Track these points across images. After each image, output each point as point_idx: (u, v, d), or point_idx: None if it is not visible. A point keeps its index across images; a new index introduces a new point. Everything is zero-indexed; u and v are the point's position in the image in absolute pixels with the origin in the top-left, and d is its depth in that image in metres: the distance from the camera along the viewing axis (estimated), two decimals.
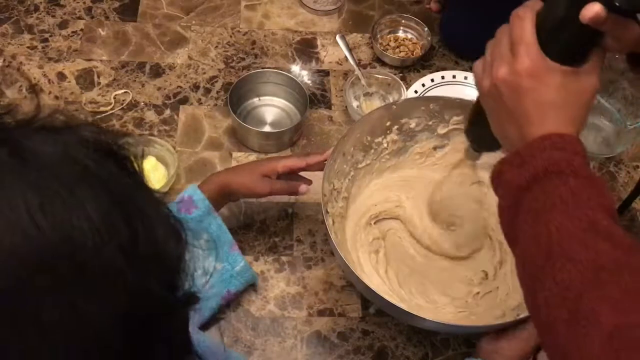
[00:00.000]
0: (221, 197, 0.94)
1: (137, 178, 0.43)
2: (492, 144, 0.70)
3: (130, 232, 0.38)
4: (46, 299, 0.34)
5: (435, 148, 1.06)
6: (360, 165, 1.02)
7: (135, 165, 0.43)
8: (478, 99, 0.72)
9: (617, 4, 0.54)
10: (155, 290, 0.40)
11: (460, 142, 1.04)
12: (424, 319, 0.80)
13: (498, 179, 0.61)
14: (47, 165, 0.37)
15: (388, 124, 1.01)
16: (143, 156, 0.44)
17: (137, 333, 0.39)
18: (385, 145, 1.03)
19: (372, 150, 1.03)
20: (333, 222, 0.95)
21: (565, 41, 0.60)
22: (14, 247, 0.33)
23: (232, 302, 0.96)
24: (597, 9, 0.54)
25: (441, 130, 1.04)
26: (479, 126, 0.74)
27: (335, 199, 0.97)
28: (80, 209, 0.36)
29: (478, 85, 0.67)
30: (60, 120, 0.41)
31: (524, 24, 0.61)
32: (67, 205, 0.36)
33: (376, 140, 1.02)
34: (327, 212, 0.90)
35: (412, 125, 1.03)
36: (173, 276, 0.43)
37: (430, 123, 1.03)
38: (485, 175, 1.05)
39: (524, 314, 0.82)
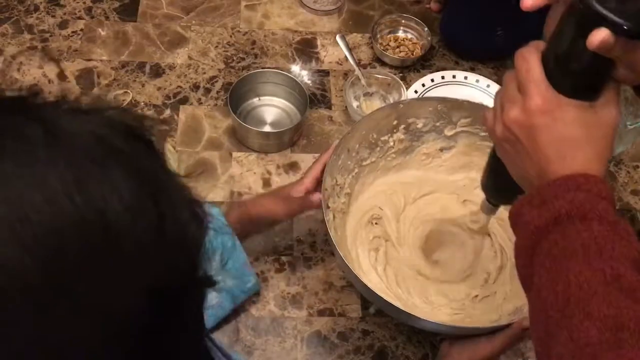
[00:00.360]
0: (240, 224, 0.92)
1: (162, 161, 0.43)
2: (511, 196, 0.65)
3: (158, 213, 0.39)
4: (82, 271, 0.36)
5: (441, 149, 1.06)
6: (365, 163, 1.02)
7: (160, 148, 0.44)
8: (492, 151, 0.70)
9: (625, 27, 0.51)
10: (181, 268, 0.41)
11: (466, 144, 1.04)
12: (421, 319, 0.80)
13: (516, 218, 0.58)
14: (79, 144, 0.38)
15: (395, 122, 1.01)
16: (165, 139, 0.45)
17: (160, 307, 0.40)
18: (391, 143, 1.03)
19: (378, 148, 1.02)
20: (334, 218, 0.94)
21: (575, 74, 0.57)
22: (52, 221, 0.35)
23: None
24: (604, 34, 0.51)
25: (448, 132, 1.03)
26: (496, 178, 0.72)
27: (337, 194, 0.97)
28: (112, 186, 0.37)
29: (491, 134, 0.64)
30: (86, 103, 0.41)
31: (530, 62, 0.58)
32: (100, 183, 0.37)
33: (382, 139, 1.02)
34: (328, 207, 0.90)
35: (419, 125, 1.03)
36: (195, 257, 0.44)
37: (437, 124, 1.03)
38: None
39: (518, 317, 0.82)
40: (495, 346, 0.79)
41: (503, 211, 1.04)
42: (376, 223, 1.02)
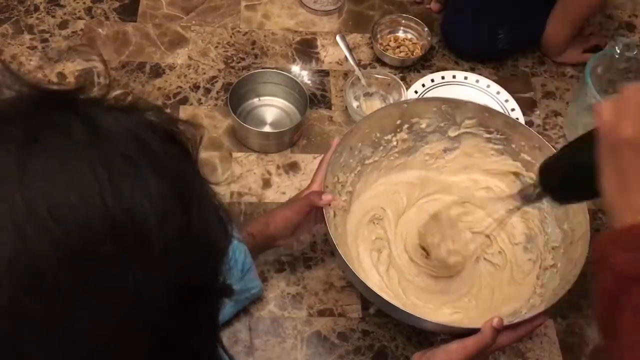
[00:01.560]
0: (253, 243, 0.91)
1: (196, 166, 0.44)
2: (577, 197, 0.58)
3: (187, 217, 0.40)
4: (108, 268, 0.36)
5: (445, 150, 1.05)
6: (367, 161, 1.02)
7: (194, 153, 0.44)
8: (580, 140, 0.62)
9: None
10: (203, 273, 0.42)
11: (470, 146, 1.03)
12: (420, 318, 0.80)
13: (602, 259, 0.51)
14: (117, 143, 0.38)
15: (399, 122, 1.01)
16: (201, 144, 0.45)
17: (180, 309, 0.41)
18: (394, 143, 1.03)
19: (381, 147, 1.02)
20: (334, 215, 0.94)
21: None
22: (84, 220, 0.36)
23: None
24: None
25: (452, 132, 1.03)
26: (576, 174, 0.64)
27: (339, 192, 0.97)
28: (143, 188, 0.38)
29: (609, 130, 0.55)
30: (129, 102, 0.42)
31: None
32: (132, 184, 0.37)
33: (385, 138, 1.02)
34: (330, 204, 0.89)
35: (423, 125, 1.03)
36: (217, 265, 0.44)
37: (441, 125, 1.03)
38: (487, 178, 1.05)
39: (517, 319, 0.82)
40: (469, 349, 0.76)
41: (503, 213, 1.04)
42: (377, 223, 1.02)
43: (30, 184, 0.35)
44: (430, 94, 1.23)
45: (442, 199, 1.04)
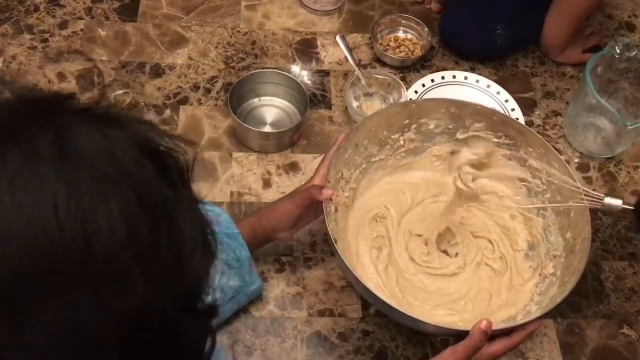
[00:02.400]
0: (252, 235, 0.91)
1: (178, 187, 0.41)
2: None
3: (153, 241, 0.38)
4: (50, 301, 0.35)
5: (452, 152, 1.05)
6: (373, 159, 1.02)
7: (179, 173, 0.42)
8: None
9: None
10: (175, 296, 0.40)
11: (478, 149, 1.03)
12: (417, 319, 0.79)
13: None
14: (85, 160, 0.37)
15: (406, 121, 1.01)
16: (193, 164, 0.43)
17: (140, 344, 0.39)
18: (401, 142, 1.03)
19: (388, 146, 1.02)
20: (336, 210, 0.94)
21: None
22: (30, 241, 0.34)
23: None
24: None
25: (460, 135, 1.03)
26: None
27: (342, 187, 0.97)
28: (104, 207, 0.36)
29: None
30: (115, 113, 0.40)
31: None
32: (93, 203, 0.36)
33: (392, 137, 1.02)
34: (330, 199, 0.89)
35: (431, 126, 1.03)
36: (194, 290, 0.42)
37: (450, 127, 1.03)
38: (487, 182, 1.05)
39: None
40: (458, 355, 0.76)
41: (507, 218, 1.04)
42: (380, 222, 1.02)
43: None
44: (430, 94, 1.23)
45: (446, 202, 1.04)
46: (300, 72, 1.28)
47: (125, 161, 0.38)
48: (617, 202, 0.88)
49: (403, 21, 1.35)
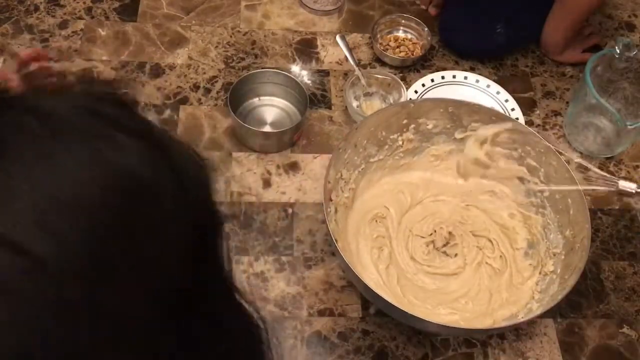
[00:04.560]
0: None
1: (152, 124, 0.44)
2: None
3: (171, 164, 0.40)
4: (124, 239, 0.36)
5: (451, 152, 1.05)
6: (372, 160, 1.02)
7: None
8: None
9: None
10: (204, 210, 0.42)
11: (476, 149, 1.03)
12: (418, 318, 0.80)
13: None
14: (76, 123, 0.37)
15: (405, 121, 1.01)
16: (137, 103, 0.45)
17: (197, 248, 0.41)
18: (400, 142, 1.03)
19: (387, 146, 1.03)
20: (336, 210, 0.94)
21: None
22: (84, 201, 0.35)
23: None
24: None
25: (458, 135, 1.03)
26: None
27: (342, 188, 0.97)
28: (126, 151, 0.37)
29: None
30: (64, 83, 0.42)
31: None
32: (114, 152, 0.37)
33: (391, 137, 1.02)
34: (331, 199, 0.89)
35: (430, 126, 1.03)
36: (210, 195, 0.44)
37: (448, 126, 1.03)
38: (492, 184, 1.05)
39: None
40: None
41: (507, 217, 1.04)
42: (380, 222, 1.02)
43: (32, 188, 0.34)
44: (430, 94, 1.23)
45: (446, 201, 1.04)
46: (300, 72, 1.28)
47: (106, 110, 0.40)
48: (631, 185, 0.91)
49: (403, 21, 1.35)
